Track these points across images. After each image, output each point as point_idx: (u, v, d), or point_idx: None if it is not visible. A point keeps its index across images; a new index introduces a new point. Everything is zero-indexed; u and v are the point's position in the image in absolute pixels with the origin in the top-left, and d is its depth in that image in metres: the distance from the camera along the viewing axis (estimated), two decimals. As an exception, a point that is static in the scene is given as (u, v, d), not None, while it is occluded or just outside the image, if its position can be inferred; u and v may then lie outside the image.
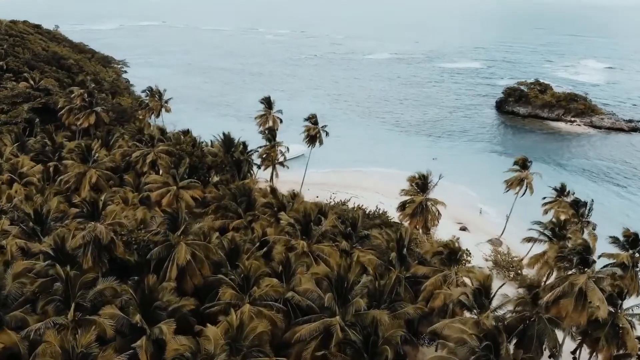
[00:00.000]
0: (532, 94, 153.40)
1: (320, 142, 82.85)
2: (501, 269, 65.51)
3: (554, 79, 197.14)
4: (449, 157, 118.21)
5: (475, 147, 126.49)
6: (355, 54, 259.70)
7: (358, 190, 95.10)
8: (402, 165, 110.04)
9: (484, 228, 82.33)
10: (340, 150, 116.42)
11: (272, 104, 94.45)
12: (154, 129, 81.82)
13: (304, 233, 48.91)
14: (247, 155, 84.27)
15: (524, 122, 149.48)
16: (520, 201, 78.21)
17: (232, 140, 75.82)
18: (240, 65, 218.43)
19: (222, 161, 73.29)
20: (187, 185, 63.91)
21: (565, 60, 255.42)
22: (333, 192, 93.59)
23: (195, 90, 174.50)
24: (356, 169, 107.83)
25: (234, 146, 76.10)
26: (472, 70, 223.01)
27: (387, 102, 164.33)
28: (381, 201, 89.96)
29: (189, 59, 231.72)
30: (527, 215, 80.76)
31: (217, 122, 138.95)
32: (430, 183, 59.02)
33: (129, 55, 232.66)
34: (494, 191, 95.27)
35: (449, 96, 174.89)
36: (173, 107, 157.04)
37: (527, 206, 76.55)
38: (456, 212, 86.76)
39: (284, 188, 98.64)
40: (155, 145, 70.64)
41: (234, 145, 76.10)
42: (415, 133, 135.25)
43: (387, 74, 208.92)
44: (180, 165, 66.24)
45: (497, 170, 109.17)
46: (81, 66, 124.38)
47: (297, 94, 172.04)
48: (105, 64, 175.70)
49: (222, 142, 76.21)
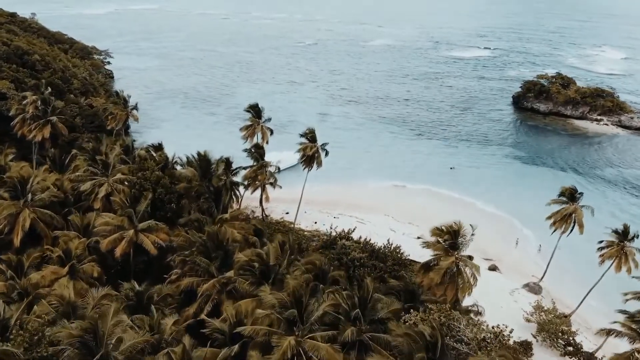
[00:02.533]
0: (554, 89, 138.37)
1: (318, 164, 68.02)
2: (548, 336, 51.57)
3: (569, 69, 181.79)
4: (467, 165, 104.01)
5: (495, 152, 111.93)
6: (355, 40, 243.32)
7: (364, 212, 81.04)
8: (413, 177, 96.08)
9: (519, 266, 68.09)
10: (343, 158, 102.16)
11: (261, 113, 79.80)
12: (117, 146, 67.33)
13: (293, 322, 34.97)
14: (232, 174, 70.27)
15: (545, 121, 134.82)
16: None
17: (209, 162, 61.57)
18: (233, 53, 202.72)
19: (197, 189, 59.23)
20: (148, 227, 50.00)
21: (578, 48, 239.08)
22: (334, 215, 79.59)
23: (184, 83, 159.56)
24: (361, 181, 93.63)
25: (213, 168, 61.90)
26: (481, 59, 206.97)
27: (392, 99, 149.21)
28: (392, 228, 75.99)
29: (180, 46, 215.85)
30: (574, 254, 67.19)
31: (203, 123, 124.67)
32: (462, 238, 43.57)
33: (118, 42, 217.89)
34: (528, 212, 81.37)
35: (460, 90, 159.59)
36: (158, 103, 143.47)
37: (574, 240, 62.51)
38: (484, 242, 72.67)
39: (278, 209, 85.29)
40: (111, 174, 56.35)
41: (213, 168, 61.88)
42: (426, 135, 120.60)
43: (390, 64, 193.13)
44: (141, 200, 52.14)
45: (525, 184, 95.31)
46: (48, 62, 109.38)
47: (294, 88, 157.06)
48: (84, 55, 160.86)
49: (197, 162, 61.93)
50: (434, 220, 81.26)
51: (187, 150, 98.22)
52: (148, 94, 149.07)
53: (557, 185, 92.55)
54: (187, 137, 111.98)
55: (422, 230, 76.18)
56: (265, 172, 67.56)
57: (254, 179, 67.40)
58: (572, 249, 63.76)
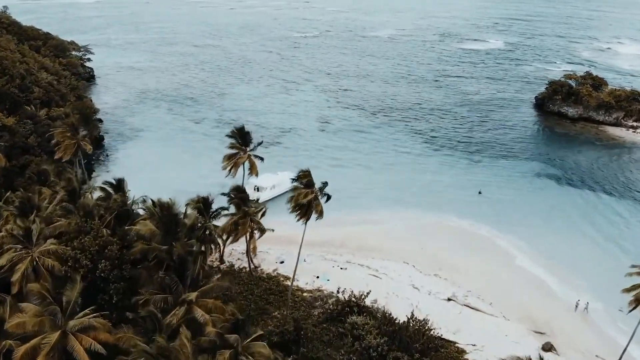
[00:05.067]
0: (585, 91, 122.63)
1: (318, 214, 51.80)
2: None
3: (587, 65, 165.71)
4: (495, 185, 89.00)
5: (525, 170, 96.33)
6: (359, 30, 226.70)
7: (378, 258, 65.86)
8: (434, 204, 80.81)
9: (581, 341, 52.78)
10: (349, 179, 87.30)
11: (249, 138, 64.16)
12: (60, 190, 51.76)
13: None
14: (210, 217, 55.19)
15: (575, 128, 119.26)
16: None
17: (174, 217, 45.62)
18: (227, 47, 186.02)
19: (155, 256, 44.00)
20: (81, 325, 35.16)
21: (593, 41, 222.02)
22: (341, 264, 64.40)
23: (172, 82, 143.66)
24: (371, 211, 78.39)
25: (179, 222, 46.04)
26: (493, 53, 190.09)
27: (401, 102, 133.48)
28: (415, 284, 61.01)
29: (169, 39, 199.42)
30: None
31: (189, 133, 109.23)
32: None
33: (106, 34, 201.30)
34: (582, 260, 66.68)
35: (475, 91, 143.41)
36: (140, 107, 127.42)
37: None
38: (531, 307, 57.48)
39: (271, 254, 69.42)
40: (37, 243, 41.12)
41: (179, 221, 46.06)
42: (444, 149, 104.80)
43: (397, 59, 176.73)
44: (75, 283, 37.11)
45: (569, 216, 78.89)
46: (5, 67, 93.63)
47: (292, 88, 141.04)
48: (59, 53, 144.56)
49: (159, 217, 46.14)
50: (462, 269, 66.32)
51: (162, 177, 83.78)
52: (130, 95, 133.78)
53: (610, 219, 78.68)
54: (167, 154, 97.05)
55: (451, 285, 61.47)
56: (248, 223, 52.08)
57: (234, 232, 52.13)
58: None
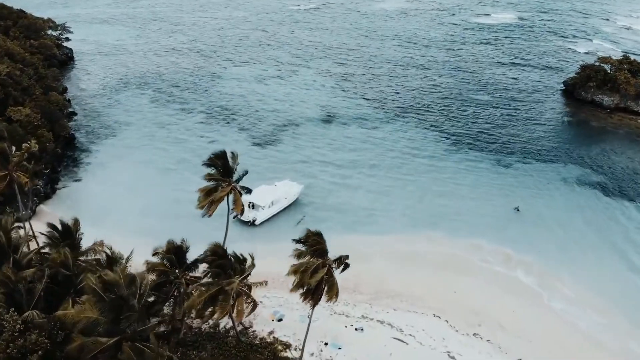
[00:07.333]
0: (622, 77, 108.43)
1: (331, 296, 37.57)
2: None
3: (610, 43, 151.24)
4: (533, 197, 76.06)
5: (563, 176, 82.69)
6: (363, 1, 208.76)
7: (401, 309, 53.24)
8: (465, 224, 67.98)
9: None
10: (361, 195, 74.38)
11: (233, 167, 49.91)
12: None
13: None
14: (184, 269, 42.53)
15: (612, 121, 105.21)
16: None
17: (124, 301, 32.87)
18: (219, 23, 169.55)
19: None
20: None
21: (611, 15, 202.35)
22: (356, 324, 51.54)
23: (158, 65, 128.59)
24: (387, 237, 65.61)
25: (132, 307, 33.48)
26: (509, 28, 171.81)
27: (412, 91, 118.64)
28: (451, 351, 48.28)
29: (159, 13, 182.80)
30: None
31: (174, 128, 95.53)
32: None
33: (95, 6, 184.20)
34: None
35: (495, 75, 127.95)
36: (121, 96, 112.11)
37: None
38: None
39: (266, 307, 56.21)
40: None
41: (132, 306, 33.46)
42: (464, 149, 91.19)
43: (405, 34, 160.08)
44: None
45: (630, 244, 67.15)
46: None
47: (289, 74, 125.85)
48: (31, 33, 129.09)
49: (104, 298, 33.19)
50: (509, 325, 53.56)
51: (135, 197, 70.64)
52: (112, 80, 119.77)
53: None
54: (146, 161, 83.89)
55: (496, 352, 48.94)
56: (229, 302, 38.35)
57: (208, 309, 38.79)
58: None
